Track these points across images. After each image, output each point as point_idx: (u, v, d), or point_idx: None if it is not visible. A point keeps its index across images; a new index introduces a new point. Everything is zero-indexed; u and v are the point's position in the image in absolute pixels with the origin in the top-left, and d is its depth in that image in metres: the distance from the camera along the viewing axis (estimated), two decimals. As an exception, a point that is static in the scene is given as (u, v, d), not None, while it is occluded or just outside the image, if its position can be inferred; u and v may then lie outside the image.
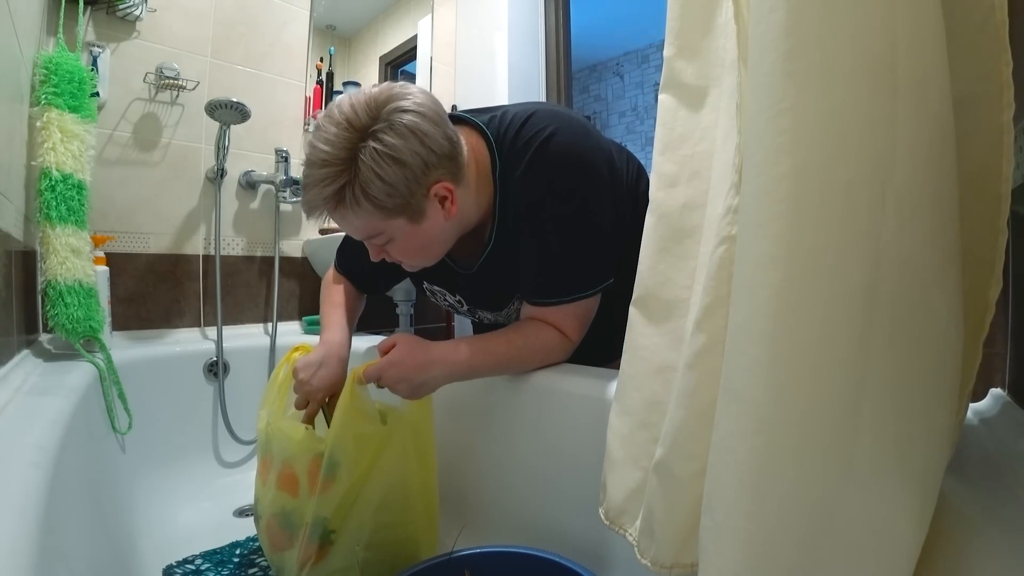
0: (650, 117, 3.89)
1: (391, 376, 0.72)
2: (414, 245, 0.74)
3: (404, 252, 0.75)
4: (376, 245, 0.75)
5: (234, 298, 1.50)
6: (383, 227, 0.70)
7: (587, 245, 0.77)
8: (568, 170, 0.74)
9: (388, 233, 0.71)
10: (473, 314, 0.97)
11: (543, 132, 0.74)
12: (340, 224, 0.72)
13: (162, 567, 0.90)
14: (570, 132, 0.75)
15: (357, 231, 0.73)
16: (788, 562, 0.32)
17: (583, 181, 0.75)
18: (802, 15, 0.30)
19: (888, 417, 0.31)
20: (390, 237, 0.72)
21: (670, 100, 0.55)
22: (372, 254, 0.77)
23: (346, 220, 0.70)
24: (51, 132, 0.93)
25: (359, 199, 0.66)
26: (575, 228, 0.75)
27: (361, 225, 0.70)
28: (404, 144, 0.65)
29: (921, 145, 0.30)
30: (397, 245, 0.74)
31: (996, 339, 0.55)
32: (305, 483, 0.72)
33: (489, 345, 0.79)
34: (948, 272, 0.31)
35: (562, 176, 0.74)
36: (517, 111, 0.78)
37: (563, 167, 0.74)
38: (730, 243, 0.42)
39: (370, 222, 0.69)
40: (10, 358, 0.80)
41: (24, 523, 0.38)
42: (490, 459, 0.90)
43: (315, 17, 1.68)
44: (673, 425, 0.47)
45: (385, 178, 0.65)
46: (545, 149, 0.73)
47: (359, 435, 0.71)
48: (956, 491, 0.38)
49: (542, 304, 0.79)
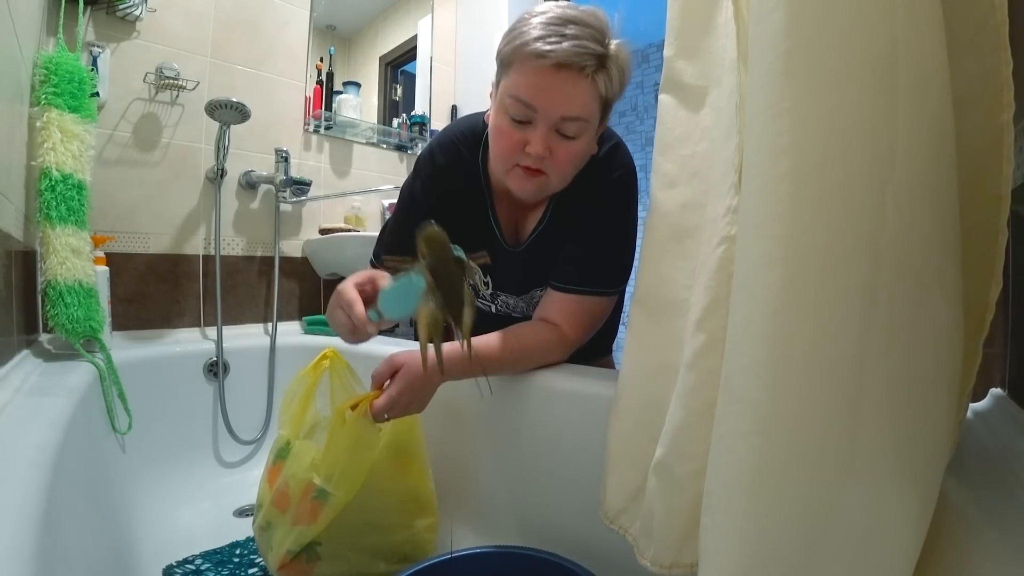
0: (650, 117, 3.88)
1: (402, 403, 0.71)
2: (583, 152, 0.75)
3: (573, 155, 0.73)
4: (561, 135, 0.71)
5: (234, 298, 1.50)
6: (593, 116, 0.71)
7: (626, 248, 0.83)
8: (628, 177, 0.82)
9: (589, 124, 0.72)
10: (495, 299, 0.95)
11: (613, 139, 0.82)
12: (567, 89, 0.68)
13: (162, 567, 0.90)
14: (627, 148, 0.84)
15: (581, 104, 0.69)
16: (788, 562, 0.32)
17: (634, 192, 0.83)
18: (802, 15, 0.30)
19: (888, 417, 0.31)
20: (582, 131, 0.71)
21: (670, 100, 0.55)
22: (538, 147, 0.70)
23: (587, 87, 0.68)
24: (51, 132, 0.93)
25: (611, 77, 0.69)
26: (622, 229, 0.82)
27: (589, 100, 0.69)
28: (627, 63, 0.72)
29: (921, 145, 0.30)
30: (576, 144, 0.72)
31: (996, 339, 0.56)
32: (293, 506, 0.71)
33: (484, 347, 0.79)
34: (948, 272, 0.31)
35: (623, 180, 0.81)
36: None
37: (624, 173, 0.81)
38: (730, 243, 0.42)
39: (594, 103, 0.70)
40: (10, 358, 0.80)
41: (24, 523, 0.38)
42: (490, 459, 0.90)
43: (315, 17, 1.68)
44: (673, 425, 0.47)
45: (624, 75, 0.71)
46: (615, 153, 0.81)
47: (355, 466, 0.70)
48: (956, 491, 0.38)
49: (567, 290, 0.81)
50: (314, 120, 1.67)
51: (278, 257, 1.52)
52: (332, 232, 1.63)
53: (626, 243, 0.83)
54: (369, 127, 1.84)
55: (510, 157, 0.73)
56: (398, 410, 0.71)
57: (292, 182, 1.52)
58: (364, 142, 1.83)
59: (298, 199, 1.59)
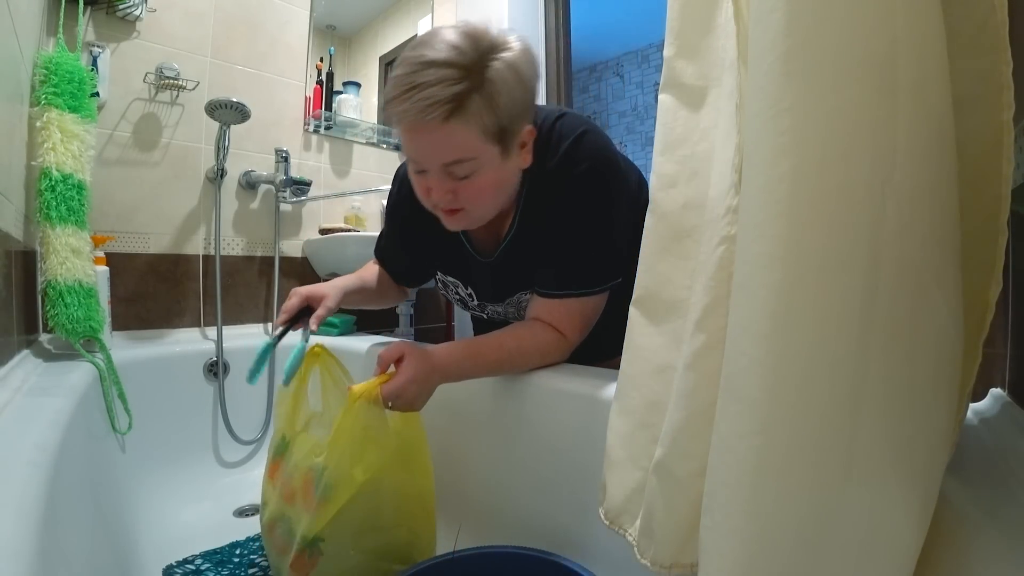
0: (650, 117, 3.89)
1: (411, 392, 0.68)
2: (492, 183, 0.71)
3: (479, 190, 0.71)
4: (455, 177, 0.69)
5: (234, 298, 1.50)
6: (479, 151, 0.67)
7: (604, 243, 0.79)
8: (595, 169, 0.76)
9: (479, 160, 0.68)
10: (483, 309, 0.96)
11: (577, 130, 0.77)
12: (430, 140, 0.66)
13: (162, 567, 0.90)
14: (600, 136, 0.79)
15: (452, 149, 0.67)
16: (788, 562, 0.32)
17: (608, 182, 0.77)
18: (802, 15, 0.30)
19: (888, 417, 0.31)
20: (477, 167, 0.68)
21: (670, 100, 0.55)
22: (436, 193, 0.71)
23: (447, 133, 0.65)
24: (51, 132, 0.93)
25: (480, 109, 0.64)
26: (594, 226, 0.77)
27: (460, 142, 0.66)
28: (528, 71, 0.67)
29: (921, 145, 0.30)
30: (477, 180, 0.69)
31: (996, 339, 0.55)
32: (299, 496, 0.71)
33: (481, 348, 0.79)
34: (948, 272, 0.31)
35: (589, 174, 0.76)
36: (551, 109, 0.81)
37: (590, 166, 0.76)
38: (730, 243, 0.42)
39: (470, 140, 0.66)
40: (10, 358, 0.80)
41: (24, 523, 0.38)
42: (490, 459, 0.90)
43: (315, 17, 1.68)
44: (673, 425, 0.47)
45: (512, 94, 0.65)
46: (578, 145, 0.76)
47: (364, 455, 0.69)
48: (956, 491, 0.38)
49: (549, 295, 0.80)
50: (314, 120, 1.67)
51: (278, 257, 1.52)
52: (332, 232, 1.63)
53: (603, 238, 0.78)
54: (369, 127, 1.84)
55: (426, 202, 0.75)
56: (406, 399, 0.68)
57: (292, 182, 1.52)
58: (364, 142, 1.83)
59: (298, 199, 1.59)
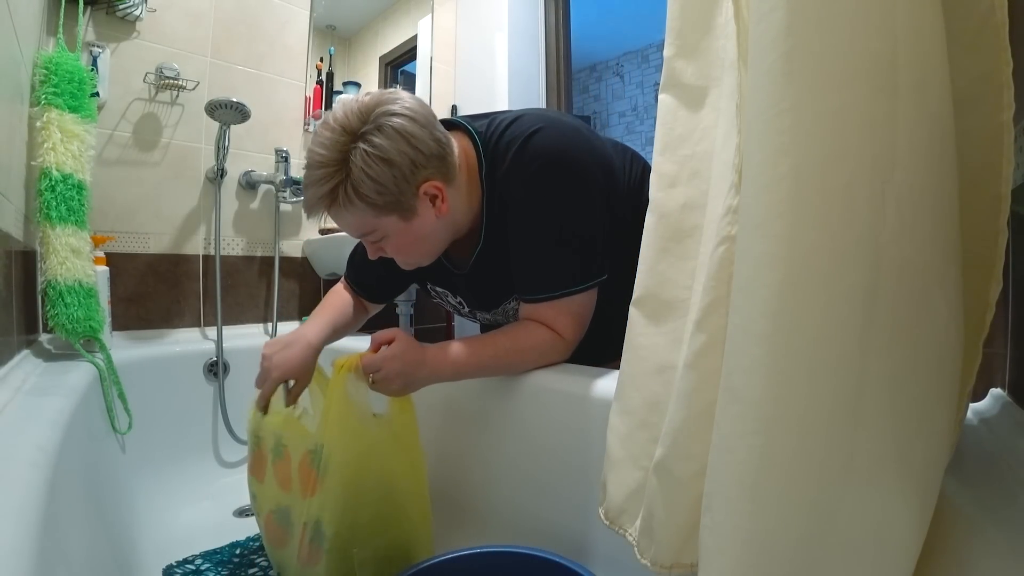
0: (650, 117, 3.89)
1: (392, 368, 0.71)
2: (407, 241, 0.76)
3: (399, 249, 0.78)
4: (372, 242, 0.78)
5: (234, 298, 1.50)
6: (376, 224, 0.73)
7: (571, 239, 0.77)
8: (548, 167, 0.75)
9: (382, 230, 0.74)
10: (474, 316, 0.97)
11: (526, 131, 0.76)
12: (337, 222, 0.75)
13: (162, 567, 0.90)
14: (555, 131, 0.76)
15: (353, 228, 0.76)
16: (788, 562, 0.32)
17: (564, 177, 0.75)
18: (802, 15, 0.30)
19: (888, 417, 0.31)
20: (384, 234, 0.75)
21: (670, 100, 0.55)
22: (370, 252, 0.80)
23: (342, 218, 0.73)
24: (51, 132, 0.93)
25: (351, 198, 0.69)
26: (558, 224, 0.76)
27: (355, 222, 0.74)
28: (392, 145, 0.68)
29: (921, 145, 0.30)
30: (392, 242, 0.76)
31: (996, 339, 0.55)
32: (296, 479, 0.72)
33: (475, 348, 0.79)
34: (948, 272, 0.31)
35: (541, 172, 0.75)
36: (509, 115, 0.80)
37: (542, 163, 0.74)
38: (730, 243, 0.42)
39: (363, 219, 0.72)
40: (10, 358, 0.80)
41: (24, 523, 0.38)
42: (488, 459, 0.90)
43: (315, 17, 1.68)
44: (673, 425, 0.47)
45: (375, 177, 0.68)
46: (525, 147, 0.75)
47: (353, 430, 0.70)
48: (956, 491, 0.38)
49: (532, 300, 0.80)
50: (314, 120, 1.67)
51: (278, 257, 1.52)
52: (332, 232, 1.63)
53: (569, 234, 0.76)
54: (369, 127, 1.83)
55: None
56: (388, 371, 0.70)
57: (292, 182, 1.52)
58: (364, 142, 1.83)
59: (298, 199, 1.59)
